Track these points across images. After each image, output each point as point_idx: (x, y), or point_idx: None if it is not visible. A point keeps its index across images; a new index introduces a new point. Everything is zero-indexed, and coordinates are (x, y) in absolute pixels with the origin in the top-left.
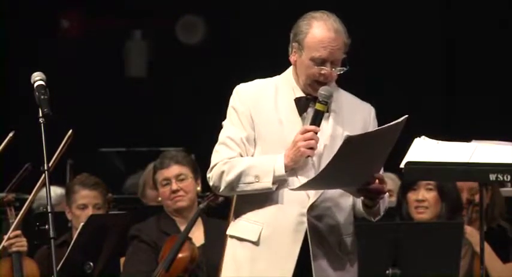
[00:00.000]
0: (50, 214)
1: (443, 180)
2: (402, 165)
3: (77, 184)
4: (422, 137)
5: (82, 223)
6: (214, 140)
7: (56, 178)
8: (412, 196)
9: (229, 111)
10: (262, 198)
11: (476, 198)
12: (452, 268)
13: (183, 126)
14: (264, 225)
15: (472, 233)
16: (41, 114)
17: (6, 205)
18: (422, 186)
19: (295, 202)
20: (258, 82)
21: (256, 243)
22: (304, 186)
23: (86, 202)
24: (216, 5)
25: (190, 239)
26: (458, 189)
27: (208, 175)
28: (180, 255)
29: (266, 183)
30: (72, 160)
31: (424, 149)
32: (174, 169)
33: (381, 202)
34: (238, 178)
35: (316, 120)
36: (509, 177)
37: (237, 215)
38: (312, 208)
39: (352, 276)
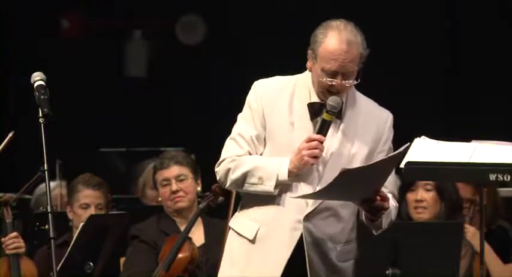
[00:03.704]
0: (50, 214)
1: (443, 180)
2: (402, 165)
3: (80, 184)
4: (422, 137)
5: (82, 223)
6: (214, 140)
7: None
8: (411, 196)
9: (245, 105)
10: (265, 198)
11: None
12: (452, 268)
13: (183, 126)
14: (261, 225)
15: (474, 233)
16: (41, 114)
17: (3, 205)
18: (420, 186)
19: (294, 208)
20: (277, 79)
21: (252, 241)
22: (304, 197)
23: (88, 201)
24: (216, 5)
25: (190, 239)
26: (457, 188)
27: (216, 169)
28: (180, 255)
29: (269, 186)
30: (61, 161)
31: (424, 149)
32: (174, 170)
33: (383, 217)
34: (243, 178)
35: (323, 130)
36: (509, 177)
37: (241, 208)
38: (309, 216)
39: None
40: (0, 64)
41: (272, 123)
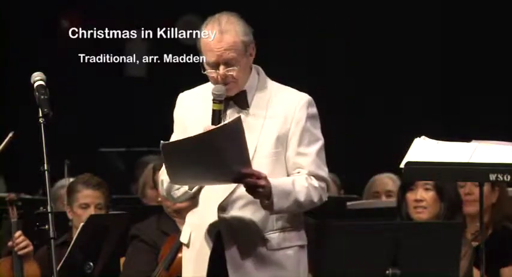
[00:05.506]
0: (50, 214)
1: (443, 180)
2: (402, 165)
3: (79, 184)
4: (422, 137)
5: (82, 224)
6: None
7: (55, 179)
8: (410, 196)
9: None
10: (195, 202)
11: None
12: (452, 268)
13: None
14: (192, 228)
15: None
16: (41, 114)
17: (8, 205)
18: (420, 186)
19: (212, 202)
20: (198, 88)
21: (187, 246)
22: (173, 181)
23: (88, 201)
24: (216, 5)
25: None
26: (457, 188)
27: None
28: (180, 255)
29: (184, 187)
30: (69, 161)
31: (424, 149)
32: None
33: (275, 198)
34: (170, 186)
35: (215, 120)
36: (509, 177)
37: None
38: (224, 206)
39: (292, 275)
40: (0, 64)
41: (191, 129)
